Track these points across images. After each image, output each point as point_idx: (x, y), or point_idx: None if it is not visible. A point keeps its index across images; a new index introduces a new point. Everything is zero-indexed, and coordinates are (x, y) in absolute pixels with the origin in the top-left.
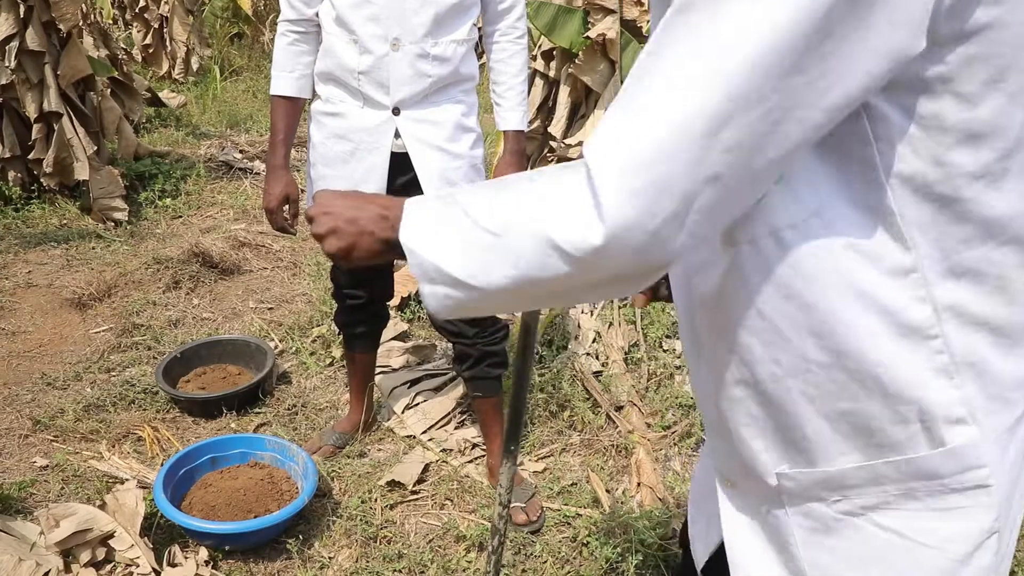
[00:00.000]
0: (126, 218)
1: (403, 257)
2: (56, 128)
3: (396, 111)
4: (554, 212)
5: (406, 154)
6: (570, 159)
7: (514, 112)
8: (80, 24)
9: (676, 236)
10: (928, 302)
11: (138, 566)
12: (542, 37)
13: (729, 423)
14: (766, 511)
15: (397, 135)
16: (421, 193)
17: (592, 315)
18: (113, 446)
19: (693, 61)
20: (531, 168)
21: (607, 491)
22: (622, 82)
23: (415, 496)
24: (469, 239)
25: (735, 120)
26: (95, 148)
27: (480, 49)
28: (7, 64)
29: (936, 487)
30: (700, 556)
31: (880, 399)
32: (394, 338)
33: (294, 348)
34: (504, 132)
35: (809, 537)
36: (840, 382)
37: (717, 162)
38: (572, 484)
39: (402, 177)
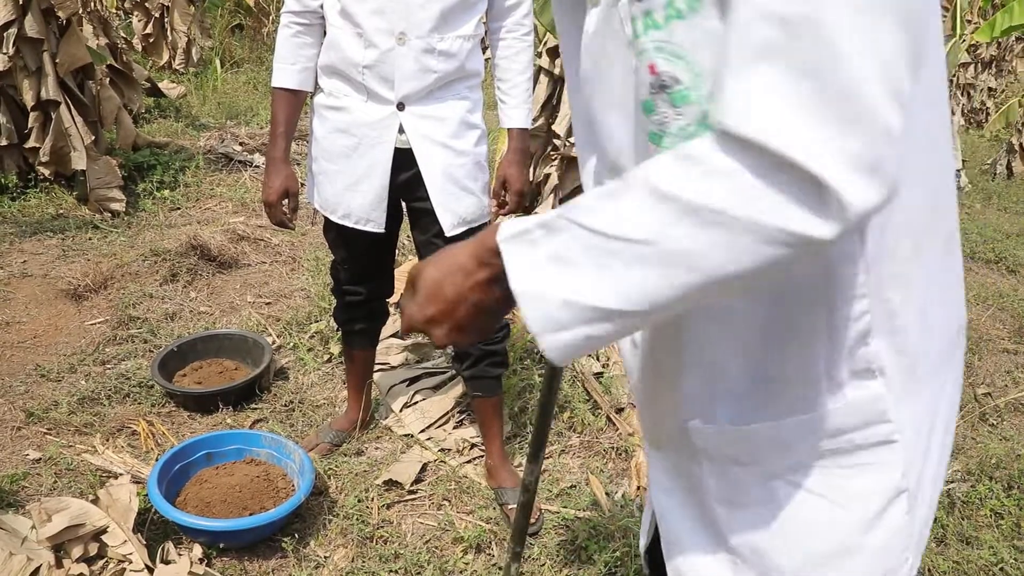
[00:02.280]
0: (123, 209)
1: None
2: (54, 117)
3: (400, 106)
4: (756, 209)
5: (410, 150)
6: (574, 157)
7: (519, 109)
8: (80, 12)
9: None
10: (862, 259)
11: (131, 562)
12: (547, 34)
13: (650, 374)
14: (688, 473)
15: (401, 130)
16: (423, 189)
17: None
18: (107, 440)
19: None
20: (534, 167)
21: (607, 494)
22: None
23: (412, 496)
24: (612, 258)
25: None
26: (93, 138)
27: (483, 44)
28: (5, 51)
29: (843, 443)
30: (643, 539)
31: (794, 353)
32: (393, 335)
33: (292, 344)
34: (508, 130)
35: (727, 499)
36: (759, 332)
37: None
38: (571, 486)
39: (405, 173)
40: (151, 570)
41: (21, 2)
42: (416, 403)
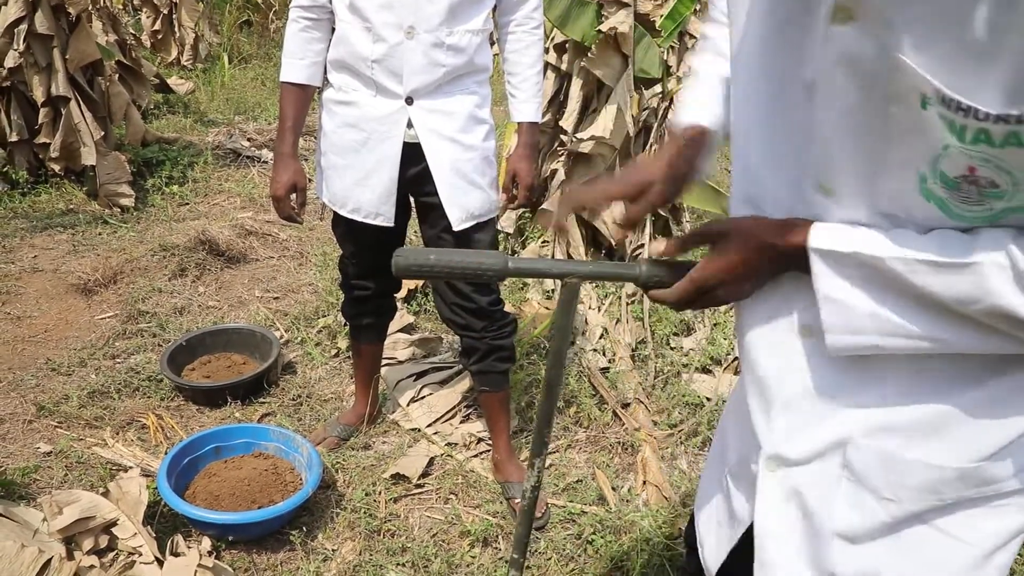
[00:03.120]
0: (132, 204)
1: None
2: (63, 112)
3: (409, 100)
4: None
5: (418, 144)
6: (581, 153)
7: (529, 104)
8: (89, 8)
9: None
10: None
11: (141, 555)
12: (554, 29)
13: (819, 394)
14: (811, 497)
15: (409, 125)
16: (432, 184)
17: (600, 311)
18: (117, 433)
19: None
20: (541, 162)
21: (613, 489)
22: (635, 76)
23: (419, 490)
24: (927, 304)
25: None
26: (102, 133)
27: (491, 40)
28: (16, 47)
29: (989, 492)
30: (713, 560)
31: (988, 405)
32: (400, 330)
33: (299, 338)
34: (518, 124)
35: (851, 526)
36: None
37: None
38: (577, 481)
39: (413, 168)
40: (161, 562)
41: None
42: (423, 397)
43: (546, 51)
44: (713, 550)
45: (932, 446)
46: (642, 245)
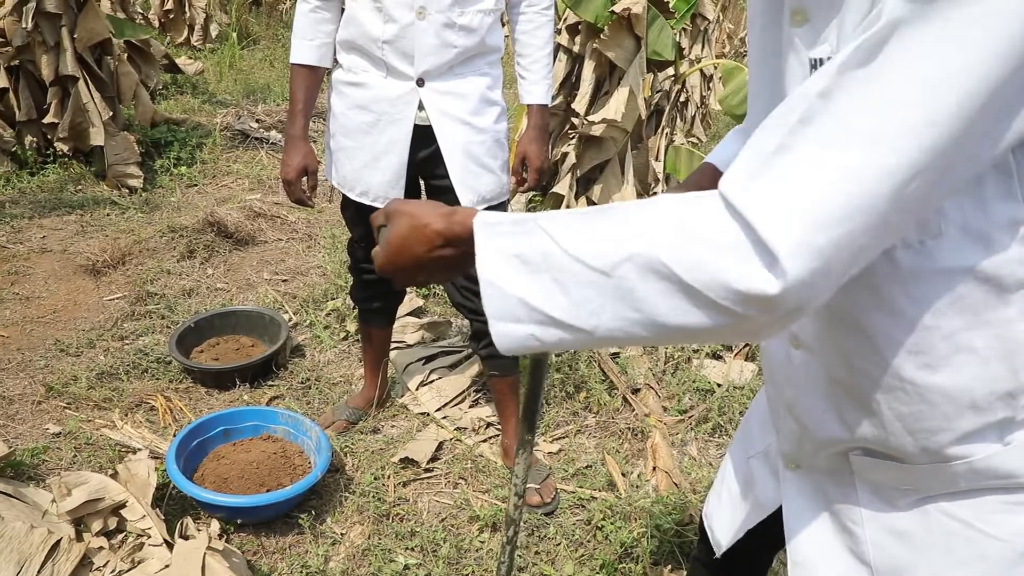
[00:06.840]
0: (141, 185)
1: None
2: (72, 92)
3: (420, 82)
4: (700, 260)
5: (429, 127)
6: (593, 136)
7: (539, 85)
8: None
9: (836, 286)
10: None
11: (150, 537)
12: (567, 10)
13: (813, 408)
14: (834, 492)
15: (420, 107)
16: (443, 167)
17: None
18: (126, 415)
19: (881, 116)
20: (552, 145)
21: (622, 474)
22: (647, 59)
23: (428, 474)
24: (568, 275)
25: (923, 174)
26: (111, 113)
27: (502, 20)
28: (24, 25)
29: (1010, 484)
30: (725, 539)
31: (969, 416)
32: (409, 314)
33: (308, 321)
34: (528, 106)
35: (876, 518)
36: (932, 403)
37: (895, 214)
38: (587, 466)
39: (424, 150)
40: (170, 545)
41: None
42: (432, 381)
43: (558, 32)
44: (726, 529)
45: (924, 461)
46: None
